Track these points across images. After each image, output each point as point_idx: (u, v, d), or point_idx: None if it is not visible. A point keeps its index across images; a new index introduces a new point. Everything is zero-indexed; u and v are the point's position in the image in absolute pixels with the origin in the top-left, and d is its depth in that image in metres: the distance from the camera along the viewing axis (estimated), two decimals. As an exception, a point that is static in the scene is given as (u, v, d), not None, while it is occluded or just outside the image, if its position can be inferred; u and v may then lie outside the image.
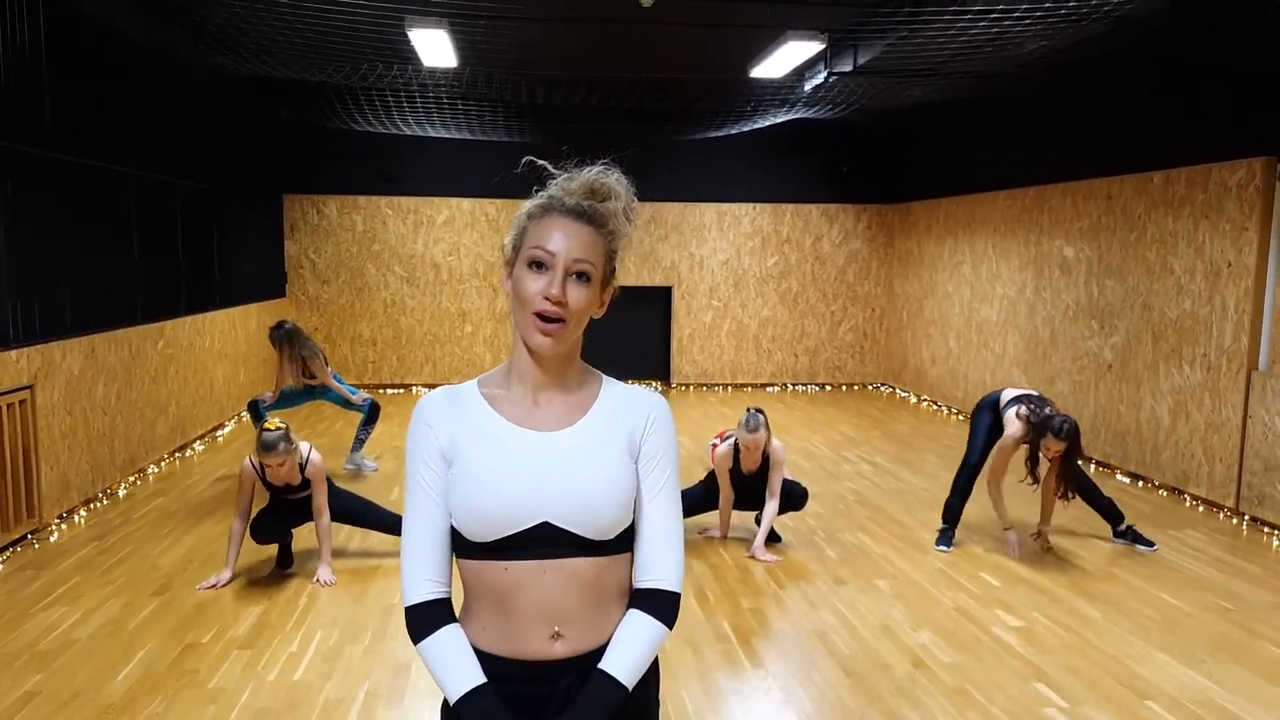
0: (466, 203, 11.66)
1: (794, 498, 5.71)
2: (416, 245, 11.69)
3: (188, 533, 5.97)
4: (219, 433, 9.03)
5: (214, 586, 5.02)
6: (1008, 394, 5.79)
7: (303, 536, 5.61)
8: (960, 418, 10.14)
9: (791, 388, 12.31)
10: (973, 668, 4.13)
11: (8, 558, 5.47)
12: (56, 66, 6.26)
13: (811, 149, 11.91)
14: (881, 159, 12.18)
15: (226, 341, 9.37)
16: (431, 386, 11.80)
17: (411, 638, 1.66)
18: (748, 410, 5.49)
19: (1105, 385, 8.00)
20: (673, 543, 1.72)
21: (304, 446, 5.09)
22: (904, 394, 11.85)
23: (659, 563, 1.70)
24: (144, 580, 5.13)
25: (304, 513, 5.24)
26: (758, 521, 5.78)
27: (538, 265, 1.61)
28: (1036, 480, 5.55)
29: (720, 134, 10.74)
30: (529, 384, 1.69)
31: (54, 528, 6.02)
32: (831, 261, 12.29)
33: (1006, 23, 6.40)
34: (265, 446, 4.85)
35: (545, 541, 1.61)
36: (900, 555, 5.67)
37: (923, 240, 11.50)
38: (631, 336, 12.32)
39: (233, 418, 9.47)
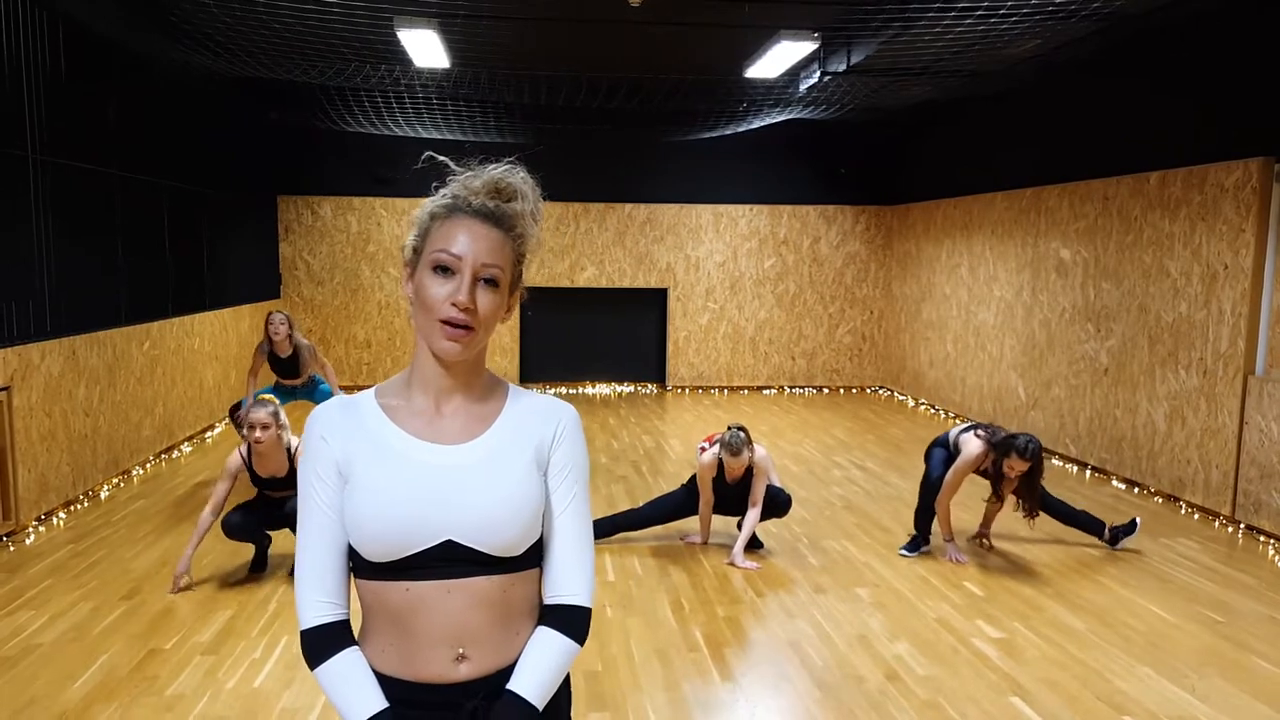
0: (461, 204, 11.59)
1: (778, 505, 5.62)
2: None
3: (164, 536, 5.91)
4: (208, 434, 8.98)
5: (182, 589, 4.95)
6: (957, 428, 5.77)
7: (279, 542, 5.54)
8: (957, 421, 10.02)
9: (788, 391, 12.21)
10: (947, 680, 4.03)
11: (-19, 560, 5.42)
12: (40, 69, 6.21)
13: (809, 150, 11.81)
14: (880, 160, 12.07)
15: (217, 343, 9.32)
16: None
17: (308, 662, 1.58)
18: (729, 429, 5.40)
19: (1101, 389, 7.88)
20: (583, 556, 1.65)
21: (294, 439, 5.04)
22: (901, 397, 11.74)
23: (569, 577, 1.63)
24: (115, 584, 5.07)
25: (281, 518, 5.17)
26: (739, 528, 5.68)
27: (443, 269, 1.52)
28: (1001, 500, 5.53)
29: (715, 135, 10.65)
30: (432, 393, 1.60)
31: (31, 530, 5.97)
32: (829, 263, 12.18)
33: (994, 20, 6.29)
34: (254, 408, 4.87)
35: (448, 560, 1.53)
36: (884, 563, 5.57)
37: (921, 242, 11.39)
38: (626, 339, 12.26)
39: (223, 419, 9.42)
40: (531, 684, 1.56)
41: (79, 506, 6.53)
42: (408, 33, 7.10)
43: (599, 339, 12.23)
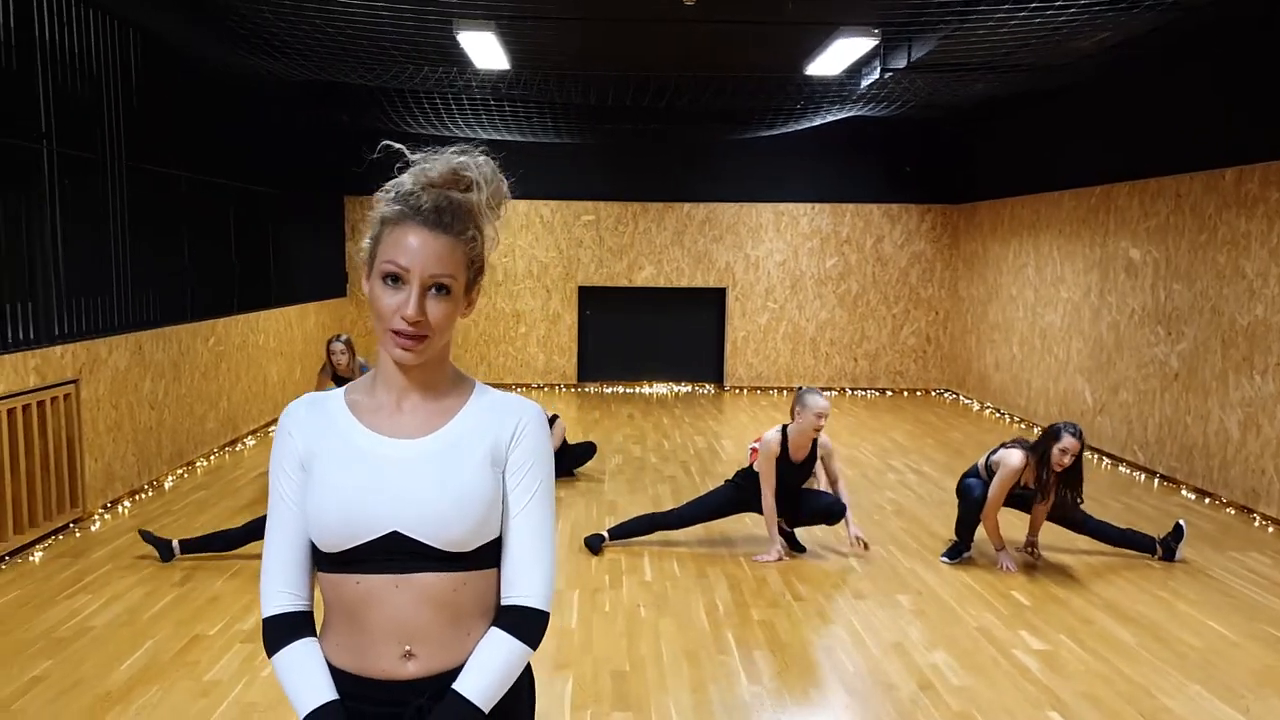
0: (522, 204, 11.71)
1: (832, 513, 5.55)
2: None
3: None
4: (271, 428, 9.20)
5: None
6: (982, 457, 5.63)
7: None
8: (1022, 426, 9.76)
9: (850, 393, 12.04)
10: (983, 692, 3.92)
11: (49, 545, 5.64)
12: (116, 78, 6.47)
13: (873, 147, 11.62)
14: (946, 158, 11.82)
15: (282, 340, 9.56)
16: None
17: (266, 650, 1.61)
18: (800, 389, 5.42)
19: (1171, 395, 7.60)
20: (539, 557, 1.63)
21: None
22: (967, 401, 11.48)
23: (523, 578, 1.62)
24: (168, 571, 5.23)
25: None
26: (785, 533, 5.67)
27: (393, 279, 1.52)
28: (1047, 497, 5.33)
29: (774, 133, 10.55)
30: (394, 391, 1.61)
31: (97, 517, 6.19)
32: (894, 263, 11.98)
33: (1053, 12, 6.10)
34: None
35: (396, 553, 1.53)
36: (929, 570, 5.45)
37: (988, 241, 11.13)
38: (684, 339, 12.23)
39: (288, 413, 9.65)
40: (476, 685, 1.55)
41: (143, 496, 6.75)
42: (467, 34, 7.18)
43: (657, 339, 12.22)
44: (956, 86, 8.84)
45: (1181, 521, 5.69)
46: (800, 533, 5.79)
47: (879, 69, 8.20)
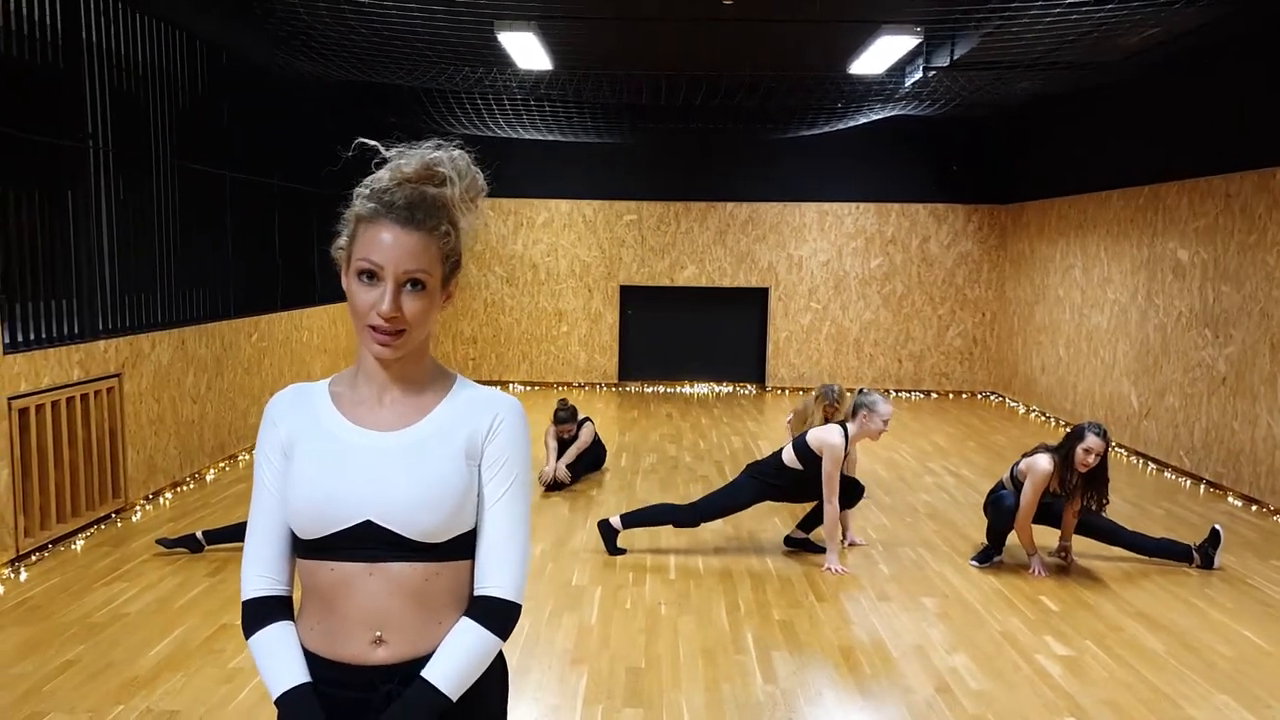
0: (564, 204, 11.77)
1: (855, 494, 5.59)
2: (516, 246, 11.87)
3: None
4: (315, 423, 9.37)
5: None
6: (1007, 471, 5.53)
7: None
8: (1067, 430, 9.54)
9: (894, 394, 11.90)
10: (1001, 696, 3.86)
11: (91, 534, 5.80)
12: (164, 79, 6.64)
13: (919, 146, 11.48)
14: (994, 157, 11.62)
15: (325, 336, 9.72)
16: (528, 384, 11.97)
17: (243, 632, 1.66)
18: (861, 390, 5.45)
19: (1219, 400, 7.40)
20: (511, 550, 1.65)
21: None
22: (1013, 404, 11.29)
23: (495, 570, 1.64)
24: (202, 561, 5.35)
25: None
26: (810, 525, 5.64)
27: (368, 275, 1.55)
28: (1072, 499, 5.22)
29: (817, 132, 10.47)
30: (375, 384, 1.65)
31: (139, 508, 6.35)
32: (940, 264, 11.82)
33: (1097, 6, 5.98)
34: None
35: (370, 542, 1.57)
36: (957, 573, 5.37)
37: (1035, 242, 10.93)
38: (726, 339, 12.20)
39: (331, 409, 9.81)
40: (444, 672, 1.58)
41: (185, 488, 6.91)
42: (508, 35, 7.24)
43: (698, 338, 12.21)
44: (1000, 85, 8.71)
45: (1218, 526, 5.54)
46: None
47: (922, 67, 8.10)
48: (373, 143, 1.68)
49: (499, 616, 1.62)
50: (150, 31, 6.58)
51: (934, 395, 11.93)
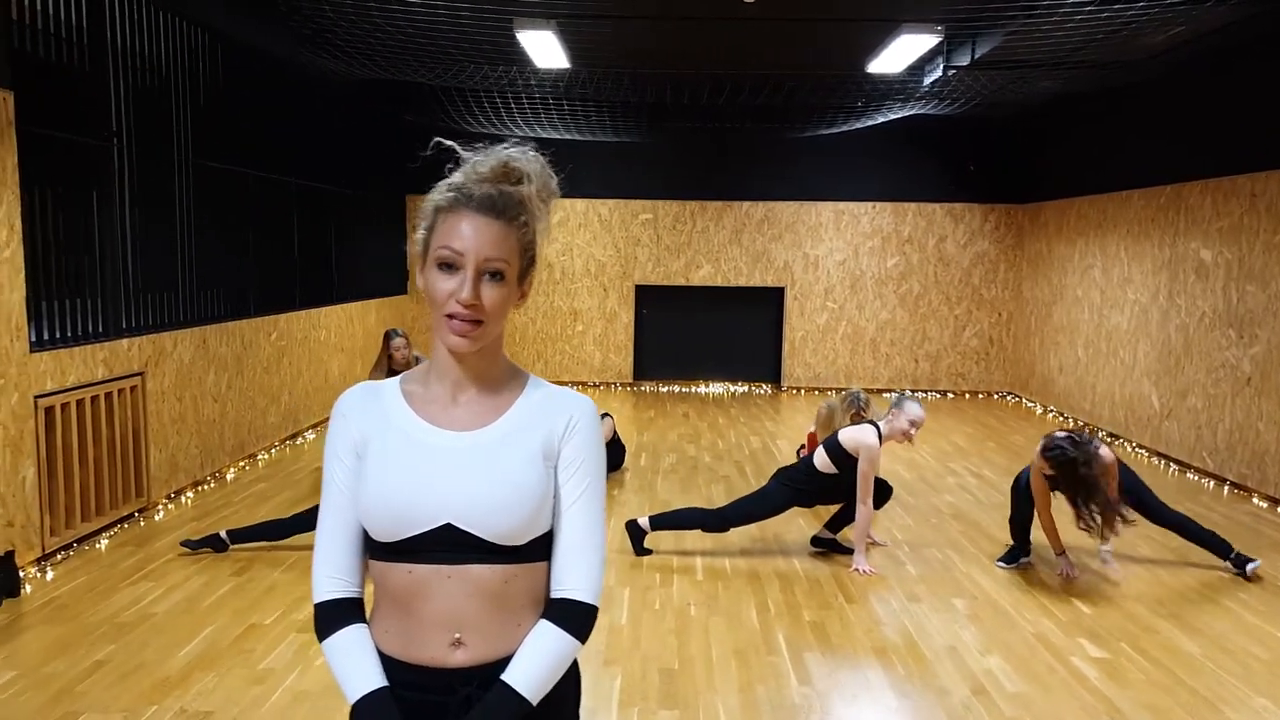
0: (580, 203, 11.75)
1: (884, 496, 5.71)
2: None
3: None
4: (332, 422, 9.36)
5: None
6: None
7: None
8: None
9: (910, 394, 11.84)
10: (1038, 699, 3.83)
11: (114, 534, 5.80)
12: (185, 76, 6.63)
13: (936, 146, 11.44)
14: (1011, 156, 11.57)
15: (343, 335, 9.72)
16: (543, 383, 11.94)
17: (317, 635, 1.64)
18: (898, 394, 5.55)
19: (1243, 400, 7.35)
20: (589, 552, 1.64)
21: None
22: (1030, 404, 11.24)
23: (573, 572, 1.62)
24: (227, 561, 5.34)
25: None
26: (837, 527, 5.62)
27: (447, 265, 1.54)
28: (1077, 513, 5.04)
29: (835, 131, 10.44)
30: (449, 382, 1.63)
31: (161, 507, 6.35)
32: (956, 263, 11.78)
33: (1118, 6, 5.94)
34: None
35: (449, 545, 1.55)
36: (986, 574, 5.34)
37: (1053, 242, 10.88)
38: (742, 338, 12.17)
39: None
40: (525, 676, 1.56)
41: (206, 487, 6.91)
42: (526, 34, 7.22)
43: (714, 338, 12.18)
44: (1021, 84, 8.67)
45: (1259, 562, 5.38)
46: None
47: (942, 66, 8.06)
48: (449, 143, 1.67)
49: (579, 619, 1.61)
50: (172, 29, 6.57)
51: (950, 395, 11.89)
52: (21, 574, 4.89)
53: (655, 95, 9.17)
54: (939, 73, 8.16)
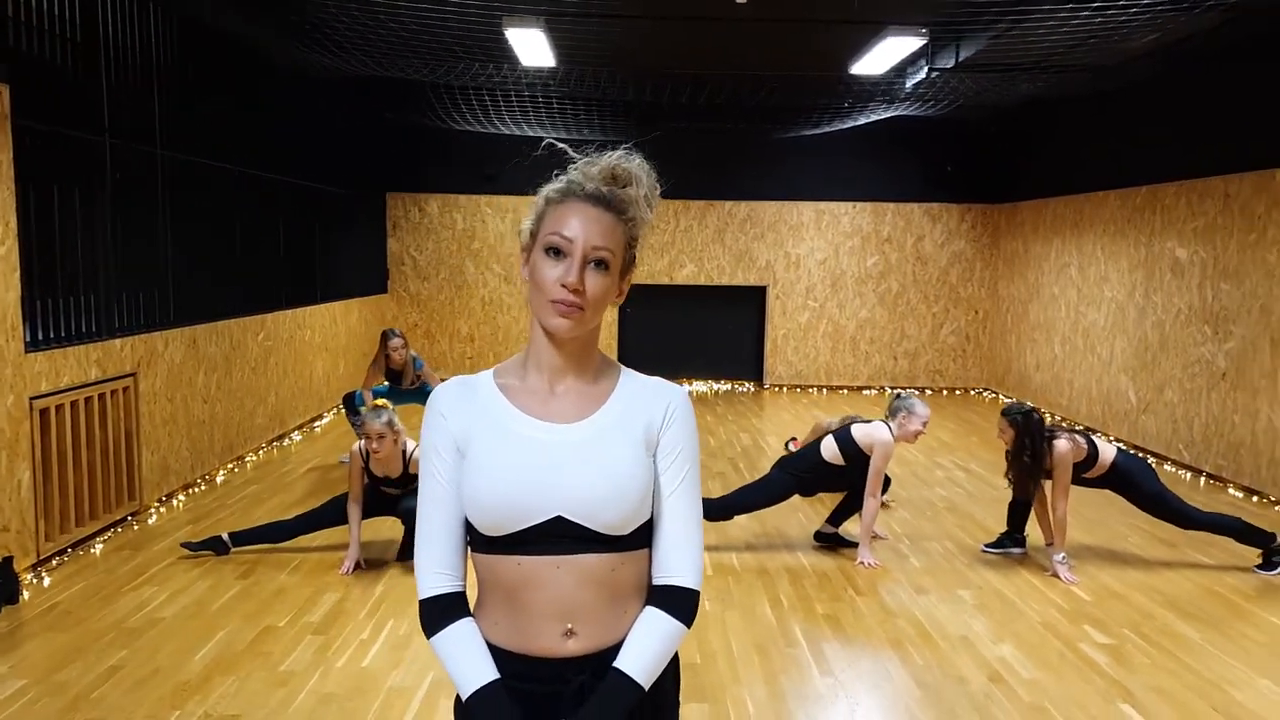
0: (562, 202, 11.74)
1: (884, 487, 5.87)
2: (515, 244, 11.83)
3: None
4: (317, 424, 9.29)
5: (350, 571, 5.16)
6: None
7: (383, 529, 5.70)
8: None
9: (889, 391, 12.00)
10: (1053, 685, 3.92)
11: (109, 538, 5.71)
12: (165, 68, 6.53)
13: (915, 147, 11.58)
14: (988, 157, 11.75)
15: (327, 335, 9.64)
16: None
17: (424, 631, 1.65)
18: (900, 394, 5.62)
19: (1218, 394, 7.54)
20: (691, 538, 1.67)
21: (410, 443, 5.20)
22: (1007, 399, 11.43)
23: (677, 559, 1.66)
24: (230, 564, 5.29)
25: (390, 505, 5.36)
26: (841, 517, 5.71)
27: (555, 252, 1.58)
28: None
29: (818, 132, 10.54)
30: (546, 373, 1.65)
31: (153, 510, 6.27)
32: (934, 262, 11.94)
33: (1110, 12, 6.08)
34: (369, 418, 5.08)
35: (559, 536, 1.57)
36: (987, 565, 5.44)
37: (1029, 241, 11.07)
38: (724, 337, 12.24)
39: (331, 409, 9.73)
40: (638, 663, 1.60)
41: (196, 490, 6.83)
42: (515, 31, 7.22)
43: (697, 336, 12.23)
44: (1003, 87, 8.81)
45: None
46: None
47: (926, 68, 8.18)
48: (561, 145, 1.72)
49: (685, 604, 1.64)
50: (160, 24, 6.48)
51: (929, 391, 12.04)
52: (19, 580, 4.81)
53: (641, 94, 9.20)
54: (922, 74, 8.28)
